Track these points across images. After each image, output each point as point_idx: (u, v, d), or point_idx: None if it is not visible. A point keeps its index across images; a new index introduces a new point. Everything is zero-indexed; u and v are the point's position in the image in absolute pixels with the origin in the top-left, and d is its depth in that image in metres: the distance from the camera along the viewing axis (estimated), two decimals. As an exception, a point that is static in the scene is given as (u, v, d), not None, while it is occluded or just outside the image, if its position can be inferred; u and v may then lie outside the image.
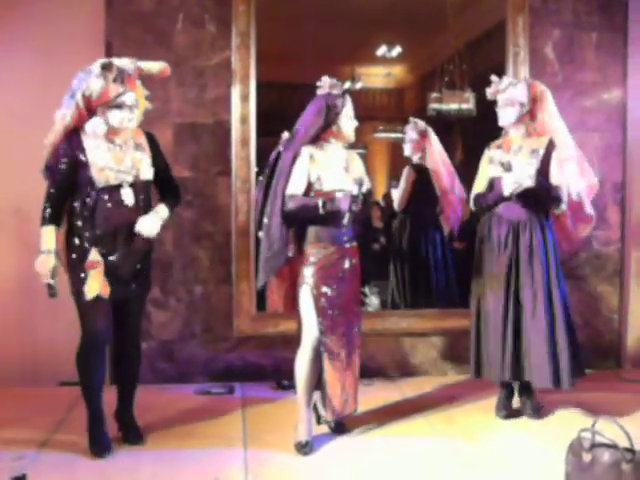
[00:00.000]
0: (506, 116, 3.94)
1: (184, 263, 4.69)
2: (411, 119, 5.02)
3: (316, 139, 3.57)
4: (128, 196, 3.37)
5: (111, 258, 3.36)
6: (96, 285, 3.32)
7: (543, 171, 3.85)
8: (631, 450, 2.72)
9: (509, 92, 3.91)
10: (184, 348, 4.71)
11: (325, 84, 3.63)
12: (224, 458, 3.38)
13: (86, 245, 3.33)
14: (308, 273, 3.50)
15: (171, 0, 4.63)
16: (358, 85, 5.26)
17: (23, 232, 4.47)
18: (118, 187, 3.35)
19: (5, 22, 4.51)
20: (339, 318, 3.52)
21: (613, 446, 2.74)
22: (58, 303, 3.42)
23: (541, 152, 3.87)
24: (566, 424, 3.75)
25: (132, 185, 3.38)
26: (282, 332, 4.56)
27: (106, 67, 3.30)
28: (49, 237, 3.31)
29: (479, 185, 4.06)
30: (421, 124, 4.97)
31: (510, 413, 3.98)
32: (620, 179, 5.13)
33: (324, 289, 3.48)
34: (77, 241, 3.35)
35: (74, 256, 3.36)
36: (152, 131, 3.61)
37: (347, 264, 3.57)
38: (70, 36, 4.44)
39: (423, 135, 4.96)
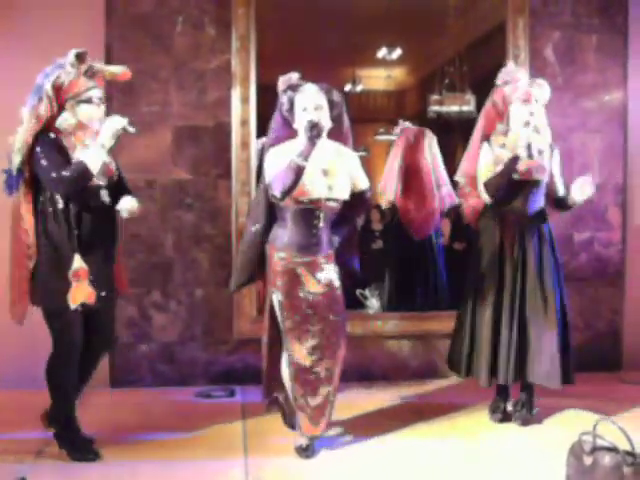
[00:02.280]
0: (539, 116, 3.77)
1: (184, 266, 4.69)
2: (400, 122, 5.01)
3: (287, 139, 3.40)
4: (106, 197, 3.29)
5: (91, 263, 3.22)
6: (80, 294, 3.18)
7: (549, 173, 3.85)
8: (632, 453, 2.71)
9: (532, 89, 3.80)
10: (184, 351, 4.71)
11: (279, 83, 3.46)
12: (224, 461, 3.37)
13: (66, 252, 3.19)
14: (275, 280, 3.37)
15: (171, 3, 4.63)
16: (358, 87, 5.26)
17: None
18: (96, 189, 3.24)
19: (4, 24, 4.50)
20: (308, 328, 3.34)
21: (614, 449, 2.73)
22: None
23: (546, 154, 3.82)
24: (567, 427, 3.74)
25: (107, 187, 3.30)
26: (282, 335, 4.56)
27: (80, 56, 3.19)
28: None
29: (485, 176, 3.84)
30: (403, 124, 4.92)
31: (505, 417, 3.94)
32: (621, 181, 5.13)
33: (291, 299, 3.34)
34: (54, 248, 3.19)
35: (51, 264, 3.19)
36: (152, 134, 3.59)
37: (318, 274, 3.38)
38: (70, 39, 4.39)
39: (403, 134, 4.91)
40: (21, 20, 4.51)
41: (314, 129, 3.15)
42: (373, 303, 5.02)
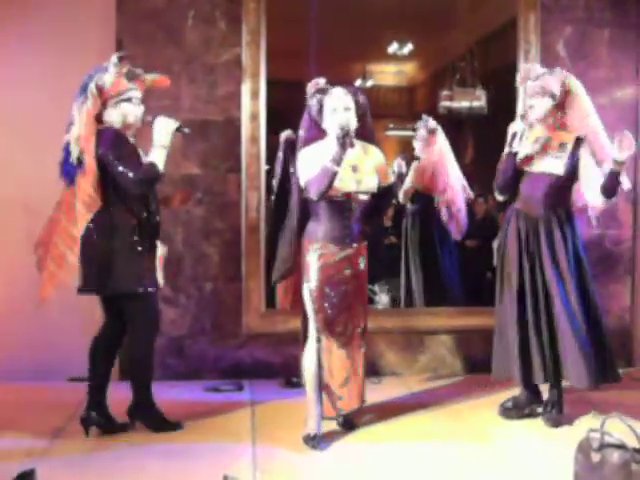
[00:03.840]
0: (537, 108, 3.75)
1: (194, 260, 4.70)
2: (424, 116, 5.00)
3: (316, 139, 3.50)
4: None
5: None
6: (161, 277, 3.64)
7: (571, 167, 3.75)
8: (640, 451, 2.70)
9: (542, 80, 3.74)
10: (193, 345, 4.72)
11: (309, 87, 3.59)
12: (233, 454, 3.38)
13: (150, 239, 3.57)
14: (310, 272, 3.47)
15: (182, -3, 4.64)
16: (369, 83, 5.25)
17: (34, 229, 4.48)
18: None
19: (16, 19, 4.52)
20: (338, 318, 3.51)
21: (622, 446, 2.72)
22: (69, 298, 3.43)
23: (569, 147, 3.75)
24: (575, 423, 3.74)
25: None
26: (291, 329, 4.54)
27: (121, 58, 3.46)
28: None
29: None
30: (432, 123, 4.94)
31: (524, 414, 3.90)
32: (632, 177, 5.08)
33: (325, 289, 3.46)
34: (136, 236, 3.50)
35: (133, 251, 3.50)
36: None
37: (351, 265, 3.53)
38: (81, 33, 4.45)
39: (432, 133, 4.93)
40: (32, 15, 4.52)
41: (346, 137, 3.30)
42: (382, 299, 5.02)
